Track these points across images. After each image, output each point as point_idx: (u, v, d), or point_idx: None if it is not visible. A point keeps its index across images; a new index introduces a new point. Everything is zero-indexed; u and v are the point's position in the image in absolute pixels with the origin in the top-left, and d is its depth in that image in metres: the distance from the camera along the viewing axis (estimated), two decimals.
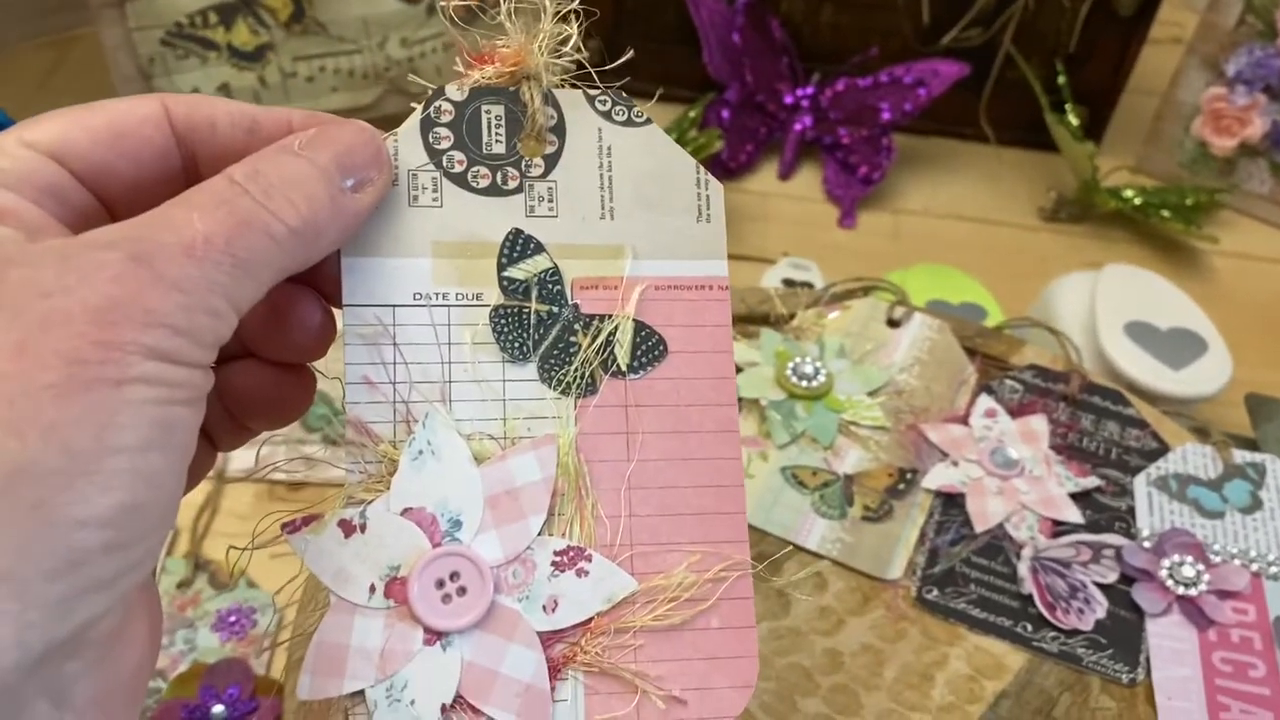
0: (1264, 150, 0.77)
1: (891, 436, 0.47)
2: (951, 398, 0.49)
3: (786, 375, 0.48)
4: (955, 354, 0.50)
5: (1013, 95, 0.78)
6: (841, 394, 0.48)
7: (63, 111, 0.25)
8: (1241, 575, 0.42)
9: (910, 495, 0.45)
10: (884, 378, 0.49)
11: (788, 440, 0.46)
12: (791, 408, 0.47)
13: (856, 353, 0.50)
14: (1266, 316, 0.72)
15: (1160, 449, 0.47)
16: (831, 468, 0.46)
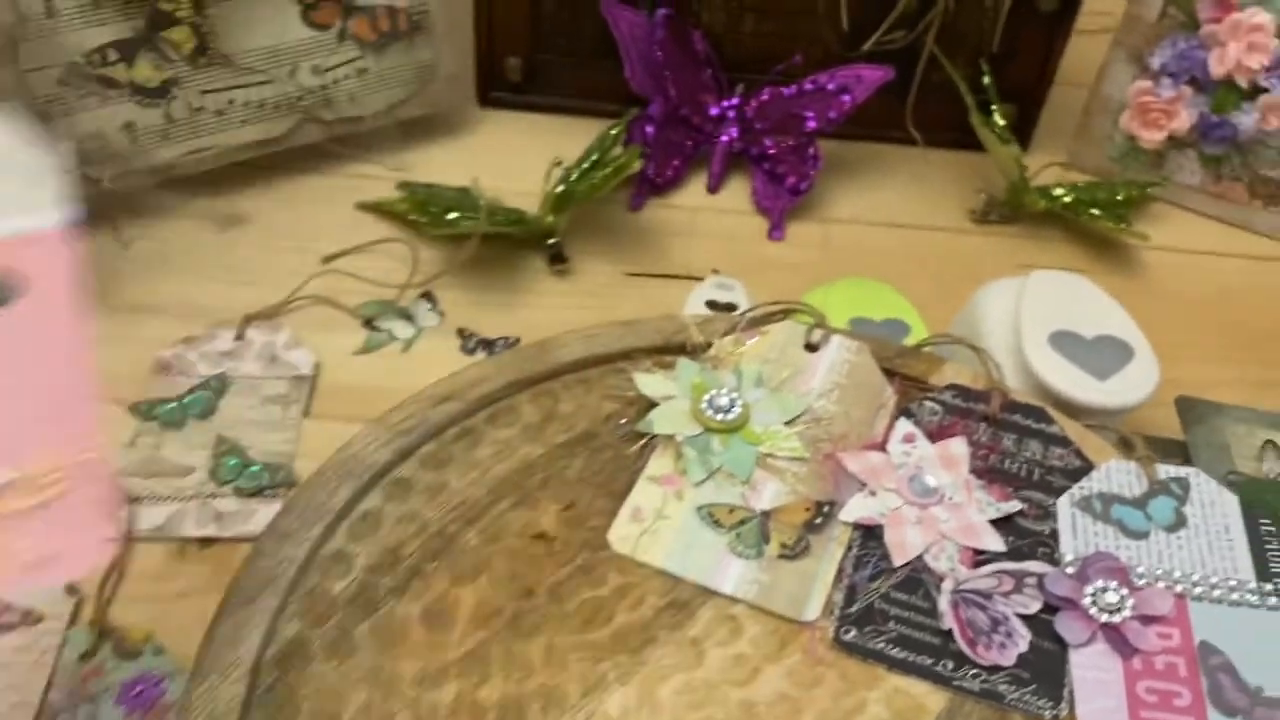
0: (1192, 142, 0.77)
1: (809, 467, 0.46)
2: (870, 423, 0.48)
3: (702, 409, 0.46)
4: (874, 377, 0.49)
5: (939, 97, 0.77)
6: (759, 425, 0.47)
7: None
8: (1165, 598, 0.41)
9: (828, 529, 0.44)
10: (802, 405, 0.48)
11: (704, 477, 0.45)
12: (708, 442, 0.46)
13: (774, 380, 0.49)
14: (1200, 311, 0.71)
15: (1084, 467, 0.46)
16: (749, 504, 0.44)
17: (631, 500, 0.44)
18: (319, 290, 0.65)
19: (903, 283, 0.70)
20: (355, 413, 0.57)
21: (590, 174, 0.69)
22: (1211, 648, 0.40)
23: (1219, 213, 0.79)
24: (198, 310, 0.63)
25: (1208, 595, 0.42)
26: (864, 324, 0.57)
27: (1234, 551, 0.43)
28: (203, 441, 0.55)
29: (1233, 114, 0.74)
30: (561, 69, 0.80)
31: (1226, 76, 0.73)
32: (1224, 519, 0.44)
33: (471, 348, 0.63)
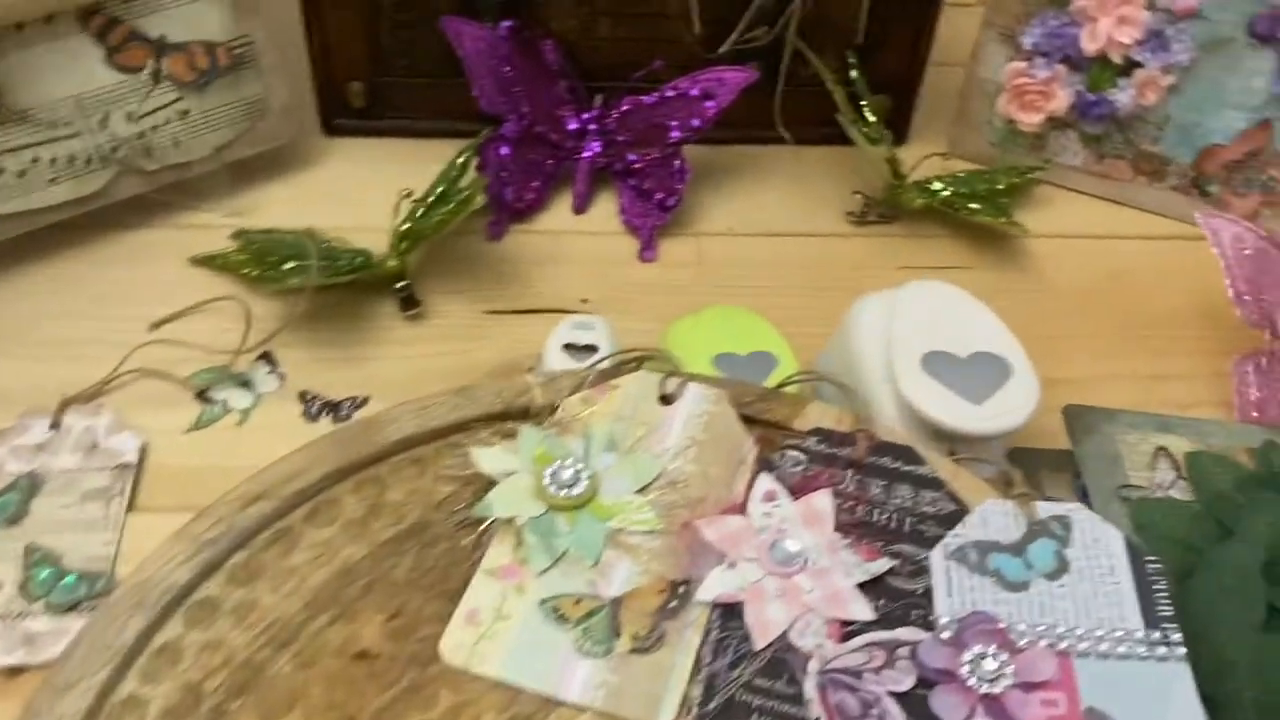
0: (1072, 122, 0.74)
1: (665, 541, 0.42)
2: (730, 482, 0.44)
3: (545, 485, 0.42)
4: (734, 429, 0.45)
5: (810, 93, 0.73)
6: (609, 496, 0.43)
7: None
8: (1048, 660, 0.38)
9: (684, 613, 0.40)
10: (656, 469, 0.44)
11: (547, 564, 0.41)
12: (552, 523, 0.42)
13: (627, 441, 0.45)
14: (1090, 300, 0.68)
15: (958, 511, 0.43)
16: (597, 591, 0.40)
17: (467, 601, 0.40)
18: (147, 361, 0.60)
19: (780, 297, 0.67)
20: (187, 501, 0.52)
21: (437, 208, 0.64)
22: (1098, 714, 0.37)
23: (1105, 192, 0.76)
24: (10, 395, 0.58)
25: (1094, 650, 0.39)
26: (729, 360, 0.53)
27: (1120, 596, 0.40)
28: (12, 551, 0.50)
29: (1109, 91, 0.71)
30: (408, 90, 0.75)
31: (1100, 53, 0.70)
32: (1109, 559, 0.41)
33: (315, 413, 0.58)
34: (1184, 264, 0.69)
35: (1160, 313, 0.67)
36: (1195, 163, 0.73)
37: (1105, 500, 0.50)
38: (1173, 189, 0.74)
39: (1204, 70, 0.69)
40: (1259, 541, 0.45)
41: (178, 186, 0.68)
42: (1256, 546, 0.45)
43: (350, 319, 0.63)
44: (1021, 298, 0.68)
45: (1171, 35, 0.69)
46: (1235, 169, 0.72)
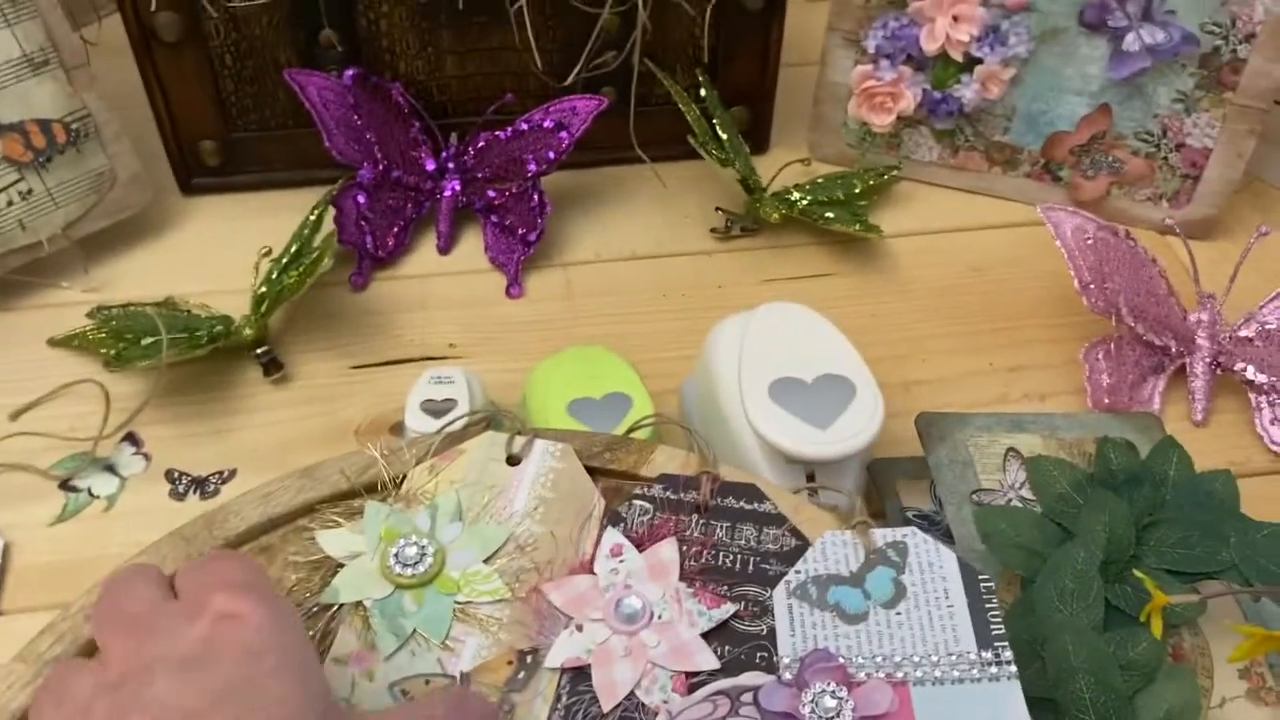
0: (922, 119, 0.75)
1: (513, 609, 0.42)
2: (577, 540, 0.44)
3: (390, 565, 0.42)
4: (581, 483, 0.46)
5: (665, 111, 0.74)
6: (456, 569, 0.43)
7: None
8: (885, 693, 0.39)
9: (533, 682, 0.40)
10: (503, 535, 0.44)
11: (396, 646, 0.41)
12: (399, 603, 0.42)
13: (474, 508, 0.45)
14: (950, 296, 0.70)
15: (801, 546, 0.44)
16: (446, 669, 0.41)
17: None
18: (7, 454, 0.59)
19: (649, 322, 0.67)
20: (54, 599, 0.52)
21: (292, 268, 0.64)
22: None
23: (963, 184, 0.77)
24: None
25: (929, 676, 0.40)
26: (584, 405, 0.54)
27: (954, 619, 0.41)
28: None
29: (954, 88, 0.72)
30: (262, 144, 0.74)
31: (940, 52, 0.71)
32: (943, 582, 0.42)
33: (183, 491, 0.58)
34: (1038, 250, 0.70)
35: (1017, 304, 0.69)
36: (1044, 149, 0.74)
37: (958, 505, 0.51)
38: (1026, 176, 0.76)
39: (1042, 61, 0.71)
40: (1096, 542, 0.46)
41: (31, 267, 0.67)
42: (1093, 548, 0.46)
43: (213, 389, 0.63)
44: (883, 300, 0.69)
45: (1007, 29, 0.70)
46: (1082, 153, 0.73)
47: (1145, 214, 0.74)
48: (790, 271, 0.71)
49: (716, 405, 0.55)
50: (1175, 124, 0.70)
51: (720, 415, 0.55)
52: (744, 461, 0.52)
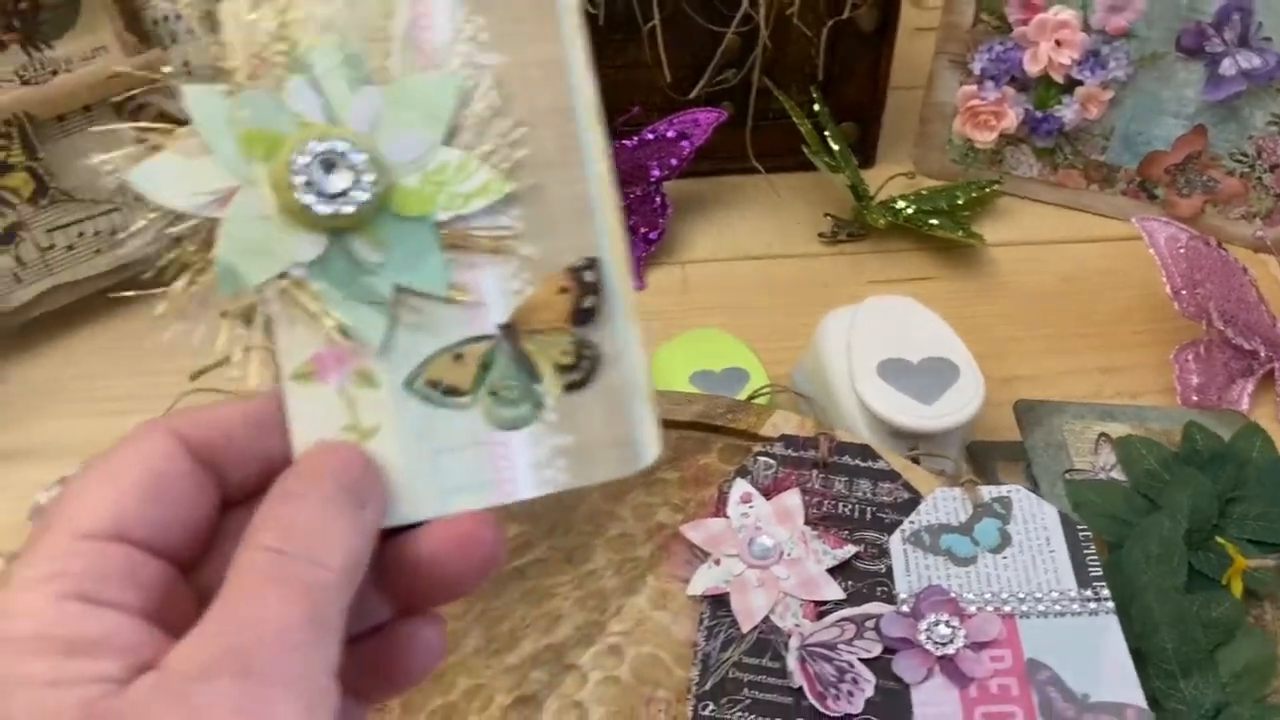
0: (1024, 137, 0.80)
1: (525, 208, 0.27)
2: (560, 64, 0.28)
3: (297, 197, 0.26)
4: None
5: (778, 125, 0.80)
6: (408, 171, 0.27)
7: (83, 481, 0.24)
8: (994, 623, 0.44)
9: (609, 310, 0.27)
10: (449, 87, 0.27)
11: (383, 323, 0.27)
12: (347, 255, 0.27)
13: (372, 52, 0.27)
14: (1045, 303, 0.74)
15: (913, 499, 0.49)
16: (473, 328, 0.27)
17: (298, 436, 0.27)
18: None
19: (759, 316, 0.73)
20: None
21: None
22: (1039, 664, 0.43)
23: (1060, 199, 0.82)
24: (72, 448, 0.64)
25: (1034, 610, 0.44)
26: (705, 377, 0.59)
27: (1056, 563, 0.46)
28: None
29: (1055, 108, 0.77)
30: None
31: (1043, 74, 0.76)
32: (1045, 531, 0.47)
33: None
34: (1133, 264, 0.75)
35: (1110, 310, 0.73)
36: (1140, 168, 0.79)
37: (1052, 484, 0.56)
38: (1122, 194, 0.80)
39: (1140, 83, 0.75)
40: (1181, 513, 0.50)
41: None
42: (1179, 518, 0.50)
43: None
44: (982, 304, 0.74)
45: (1107, 53, 0.75)
46: (1177, 172, 0.78)
47: (1238, 231, 0.78)
48: (893, 274, 0.76)
49: (826, 386, 0.60)
50: (1269, 145, 0.74)
51: (829, 395, 0.60)
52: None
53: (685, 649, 0.45)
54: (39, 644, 0.22)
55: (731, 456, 0.51)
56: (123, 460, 0.25)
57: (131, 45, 0.67)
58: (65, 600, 0.22)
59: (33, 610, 0.22)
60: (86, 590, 0.22)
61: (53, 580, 0.22)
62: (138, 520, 0.24)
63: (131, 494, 0.24)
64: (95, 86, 0.66)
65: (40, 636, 0.22)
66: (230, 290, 0.27)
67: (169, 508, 0.25)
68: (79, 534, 0.23)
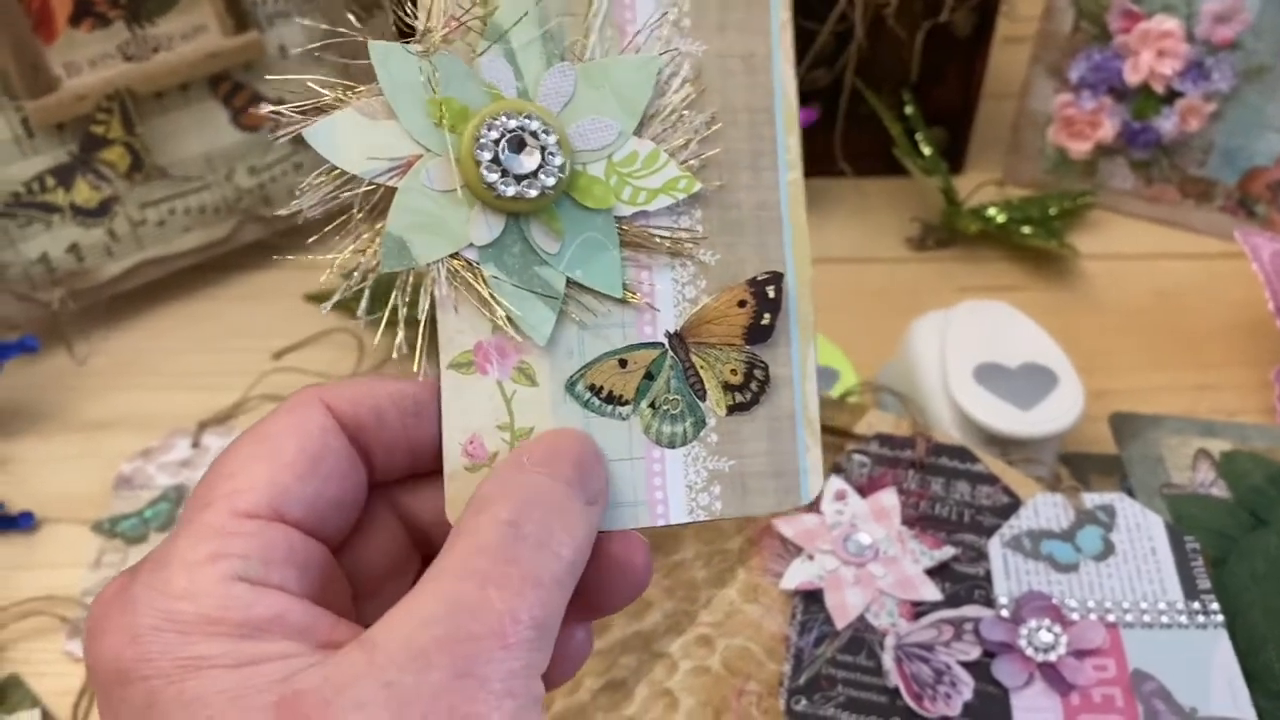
0: (1120, 149, 0.78)
1: (712, 210, 0.27)
2: (765, 67, 0.27)
3: (482, 173, 0.24)
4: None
5: (868, 128, 0.79)
6: (590, 157, 0.26)
7: (238, 456, 0.24)
8: (1098, 631, 0.42)
9: (784, 332, 0.27)
10: (648, 74, 0.26)
11: (549, 318, 0.25)
12: (524, 241, 0.25)
13: (572, 27, 0.26)
14: (1138, 318, 0.72)
15: (1012, 503, 0.47)
16: (641, 331, 0.26)
17: (450, 428, 0.26)
18: (271, 388, 0.66)
19: (844, 317, 0.72)
20: None
21: None
22: (1144, 674, 0.41)
23: (1155, 214, 0.80)
24: (155, 420, 0.65)
25: (1139, 621, 0.43)
26: None
27: (1161, 573, 0.44)
28: None
29: (1154, 119, 0.75)
30: None
31: (1143, 84, 0.74)
32: (1150, 541, 0.45)
33: None
34: (1229, 280, 0.73)
35: (1207, 327, 0.71)
36: (1240, 184, 0.77)
37: (1149, 498, 0.54)
38: (1220, 210, 0.78)
39: (1244, 96, 0.74)
40: None
41: (293, 231, 0.75)
42: None
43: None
44: (1074, 316, 0.72)
45: (1211, 65, 0.73)
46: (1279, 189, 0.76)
47: None
48: (982, 282, 0.75)
49: (917, 390, 0.59)
50: None
51: (921, 400, 0.59)
52: None
53: (777, 643, 0.44)
54: (210, 626, 0.21)
55: (826, 454, 0.50)
56: (279, 434, 0.24)
57: (230, 26, 0.68)
58: (230, 582, 0.22)
59: (199, 591, 0.22)
60: (251, 571, 0.22)
61: (216, 561, 0.22)
62: (295, 499, 0.24)
63: (289, 471, 0.24)
64: (195, 64, 0.67)
65: (210, 620, 0.21)
66: (396, 265, 0.25)
67: (324, 486, 0.24)
68: (239, 513, 0.23)
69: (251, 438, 0.24)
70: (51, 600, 0.54)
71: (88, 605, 0.54)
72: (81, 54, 0.64)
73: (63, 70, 0.64)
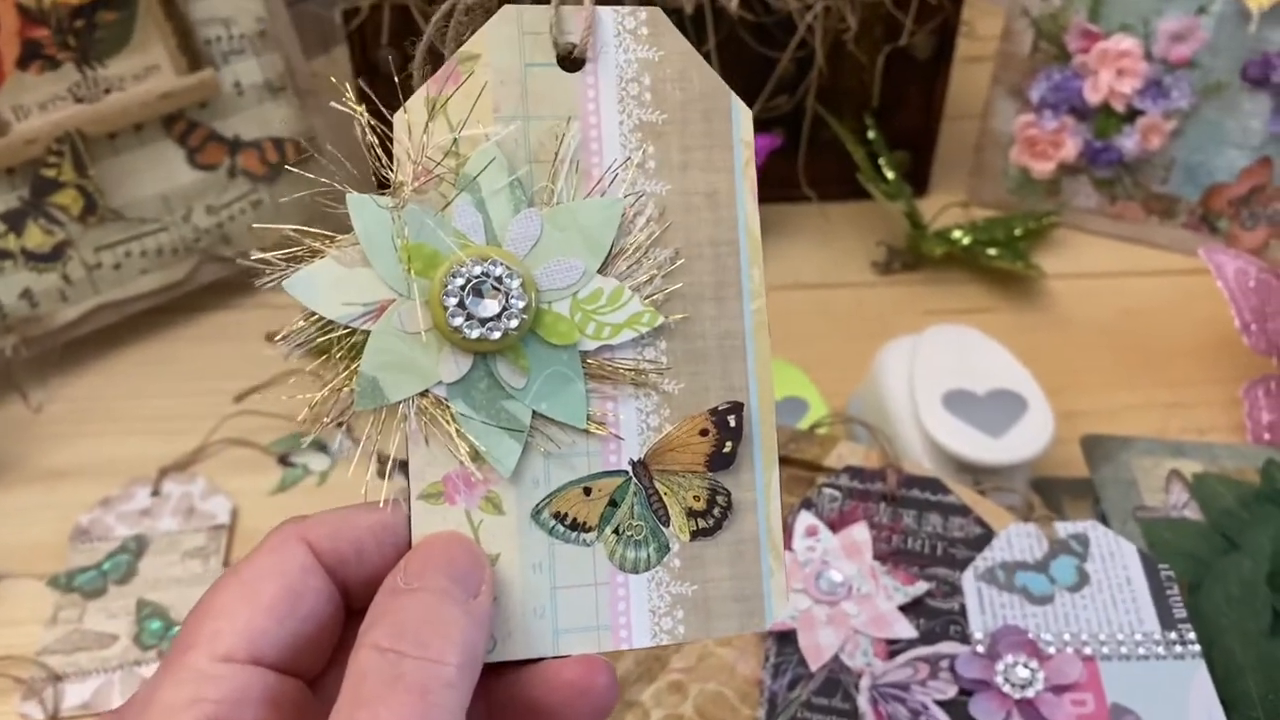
0: (1083, 168, 0.78)
1: (672, 343, 0.28)
2: (730, 192, 0.28)
3: (448, 316, 0.26)
4: (703, 79, 0.23)
5: (831, 153, 0.79)
6: (556, 295, 0.27)
7: (224, 595, 0.25)
8: (1074, 665, 0.42)
9: (748, 457, 0.28)
10: (612, 216, 0.27)
11: (516, 449, 0.26)
12: (490, 376, 0.26)
13: (538, 173, 0.27)
14: (1107, 336, 0.72)
15: (985, 535, 0.47)
16: (605, 459, 0.27)
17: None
18: (233, 431, 0.65)
19: (811, 343, 0.71)
20: None
21: None
22: (1123, 708, 0.41)
23: (1119, 231, 0.80)
24: (115, 467, 0.63)
25: (1116, 653, 0.42)
26: None
27: (1137, 603, 0.44)
28: (125, 607, 0.55)
29: (1115, 138, 0.76)
30: None
31: (1103, 103, 0.75)
32: (1125, 570, 0.45)
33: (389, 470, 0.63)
34: (1195, 297, 0.73)
35: (1174, 344, 0.71)
36: (1202, 200, 0.77)
37: (1122, 521, 0.54)
38: (1183, 226, 0.78)
39: (1204, 114, 0.74)
40: (1262, 553, 0.48)
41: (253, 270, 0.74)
42: (1260, 558, 0.48)
43: None
44: (1042, 336, 0.72)
45: (1170, 83, 0.73)
46: (1241, 204, 0.76)
47: None
48: (950, 305, 0.74)
49: (886, 418, 0.59)
50: None
51: (890, 427, 0.58)
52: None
53: (750, 687, 0.43)
54: None
55: (794, 488, 0.49)
56: (260, 574, 0.25)
57: (183, 65, 0.67)
58: None
59: None
60: (226, 716, 0.23)
61: (193, 706, 0.23)
62: (273, 641, 0.25)
63: (269, 615, 0.25)
64: (147, 105, 0.66)
65: None
66: (370, 404, 0.26)
67: (302, 626, 0.25)
68: (218, 656, 0.24)
69: (235, 579, 0.25)
70: (6, 660, 0.52)
71: (44, 664, 0.52)
72: (30, 97, 0.63)
73: (11, 114, 0.63)
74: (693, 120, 0.28)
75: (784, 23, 0.72)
